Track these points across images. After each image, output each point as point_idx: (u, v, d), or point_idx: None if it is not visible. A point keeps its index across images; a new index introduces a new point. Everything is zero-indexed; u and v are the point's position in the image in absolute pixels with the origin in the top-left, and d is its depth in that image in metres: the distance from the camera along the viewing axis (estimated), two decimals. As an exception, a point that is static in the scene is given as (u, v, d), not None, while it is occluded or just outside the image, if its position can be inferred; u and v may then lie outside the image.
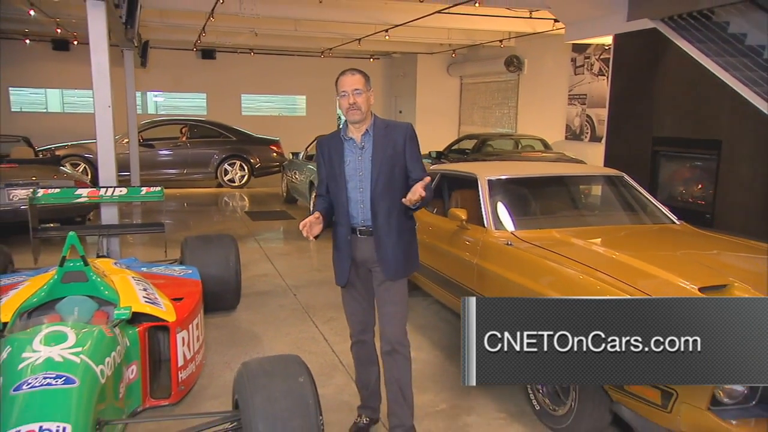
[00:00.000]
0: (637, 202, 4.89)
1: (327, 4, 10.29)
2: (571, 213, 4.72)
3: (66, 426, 2.44)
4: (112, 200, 5.96)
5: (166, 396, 3.79)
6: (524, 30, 12.71)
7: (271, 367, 2.85)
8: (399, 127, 3.27)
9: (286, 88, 20.13)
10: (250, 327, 5.34)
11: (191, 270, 4.90)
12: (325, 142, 3.38)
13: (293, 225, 10.37)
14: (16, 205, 7.56)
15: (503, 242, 4.18)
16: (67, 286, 3.76)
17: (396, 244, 3.21)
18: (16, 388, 2.63)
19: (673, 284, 3.42)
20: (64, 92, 18.57)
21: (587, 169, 5.22)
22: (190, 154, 14.07)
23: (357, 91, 3.08)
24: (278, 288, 6.56)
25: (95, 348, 2.99)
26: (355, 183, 3.21)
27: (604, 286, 3.43)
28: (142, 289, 3.95)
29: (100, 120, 5.93)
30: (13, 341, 3.00)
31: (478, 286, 4.27)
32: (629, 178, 5.07)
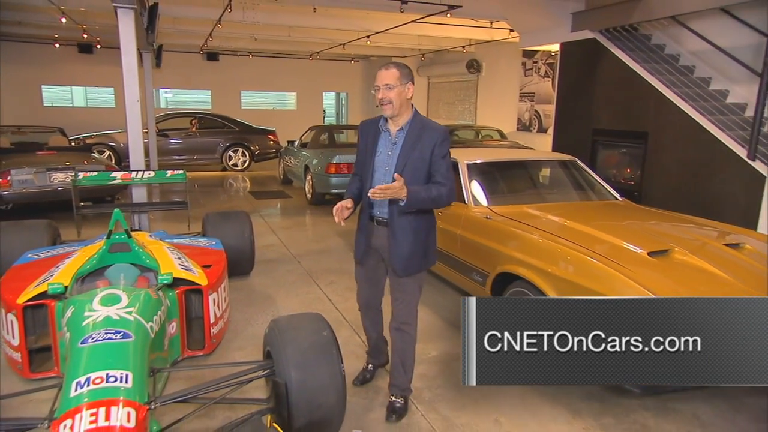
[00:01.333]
0: (587, 182, 4.96)
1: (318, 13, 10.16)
2: (535, 191, 4.79)
3: (128, 373, 2.44)
4: (142, 182, 5.89)
5: (200, 348, 3.80)
6: (483, 38, 12.74)
7: (298, 323, 2.87)
8: (434, 131, 2.91)
9: (279, 85, 19.96)
10: (263, 289, 5.34)
11: (215, 241, 4.87)
12: (366, 127, 3.10)
13: (290, 202, 10.36)
14: (56, 187, 7.47)
15: (483, 216, 4.21)
16: (113, 255, 3.76)
17: (410, 242, 2.94)
18: (82, 342, 2.62)
19: (623, 248, 3.46)
20: (87, 89, 18.20)
21: (548, 155, 5.28)
22: (199, 142, 13.94)
23: (388, 86, 2.81)
24: (284, 256, 6.56)
25: (144, 308, 2.99)
26: (380, 175, 2.96)
27: (564, 249, 3.47)
28: (176, 258, 3.94)
29: (130, 112, 5.82)
30: (75, 302, 2.99)
31: (461, 252, 4.32)
32: (581, 162, 5.13)
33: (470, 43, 13.79)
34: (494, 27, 11.48)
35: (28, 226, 4.79)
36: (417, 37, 13.18)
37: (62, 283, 3.32)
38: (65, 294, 3.28)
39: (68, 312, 2.99)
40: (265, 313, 4.70)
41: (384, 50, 15.28)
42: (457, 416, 3.18)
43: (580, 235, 3.67)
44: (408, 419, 3.14)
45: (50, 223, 4.96)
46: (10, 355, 3.47)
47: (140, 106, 5.92)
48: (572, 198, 4.76)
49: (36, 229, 4.77)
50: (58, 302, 3.28)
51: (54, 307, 3.29)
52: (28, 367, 3.40)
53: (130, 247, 3.81)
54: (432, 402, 3.33)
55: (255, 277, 5.66)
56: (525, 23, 9.22)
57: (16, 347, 3.39)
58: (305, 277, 5.74)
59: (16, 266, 3.99)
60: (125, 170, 5.91)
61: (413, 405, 3.26)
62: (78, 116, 16.64)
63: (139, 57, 9.92)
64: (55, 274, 3.52)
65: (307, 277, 5.76)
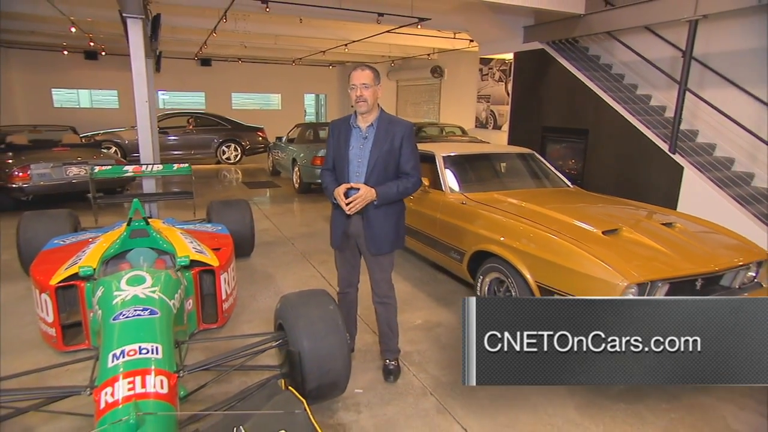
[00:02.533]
0: (543, 172, 4.97)
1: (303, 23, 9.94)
2: (502, 180, 4.76)
3: (158, 346, 2.36)
4: (152, 174, 5.69)
5: (214, 321, 3.71)
6: (446, 47, 12.63)
7: (307, 298, 2.81)
8: (400, 126, 2.87)
9: (265, 88, 19.48)
10: (263, 269, 5.22)
11: (221, 227, 4.74)
12: (337, 125, 3.00)
13: (279, 191, 10.16)
14: (71, 180, 7.15)
15: (459, 202, 4.17)
16: (133, 240, 3.63)
17: (382, 226, 2.89)
18: (114, 318, 2.53)
19: (578, 227, 3.47)
20: (92, 92, 17.43)
21: (511, 149, 5.26)
22: (196, 138, 13.55)
23: (364, 85, 2.76)
24: (279, 239, 6.43)
25: (166, 287, 2.88)
26: (355, 167, 2.87)
27: (532, 229, 3.47)
28: (190, 242, 3.82)
29: (140, 112, 5.62)
30: (104, 282, 2.87)
31: (440, 233, 4.28)
32: (538, 154, 5.15)
33: (434, 51, 13.68)
34: (456, 38, 11.40)
35: (51, 215, 4.58)
36: (388, 45, 13.02)
37: (91, 265, 3.19)
38: (94, 276, 3.15)
39: (98, 292, 2.88)
40: (267, 290, 4.60)
41: (359, 57, 15.07)
42: (443, 375, 3.18)
43: (544, 217, 3.67)
44: (402, 379, 3.13)
45: (71, 212, 4.76)
46: (45, 330, 3.34)
47: (149, 107, 5.69)
48: (533, 185, 4.76)
49: (58, 218, 4.58)
50: (87, 283, 3.16)
51: (83, 288, 3.17)
52: (61, 341, 3.28)
53: (148, 233, 3.69)
54: (421, 364, 3.32)
55: (255, 258, 5.53)
56: (483, 35, 9.19)
57: (50, 323, 3.26)
58: (299, 258, 5.64)
59: (45, 251, 3.82)
60: (136, 164, 5.69)
61: (405, 366, 3.25)
62: (84, 116, 16.00)
63: (142, 62, 9.59)
64: (82, 258, 3.37)
65: (301, 257, 5.66)
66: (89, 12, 9.23)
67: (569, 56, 7.97)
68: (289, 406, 2.39)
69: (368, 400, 2.90)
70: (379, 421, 2.71)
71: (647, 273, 2.98)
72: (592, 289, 2.99)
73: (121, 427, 1.93)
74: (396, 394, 2.96)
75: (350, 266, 3.14)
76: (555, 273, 3.19)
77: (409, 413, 2.78)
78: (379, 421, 2.71)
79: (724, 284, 3.44)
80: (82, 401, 2.54)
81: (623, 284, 2.89)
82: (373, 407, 2.83)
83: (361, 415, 2.76)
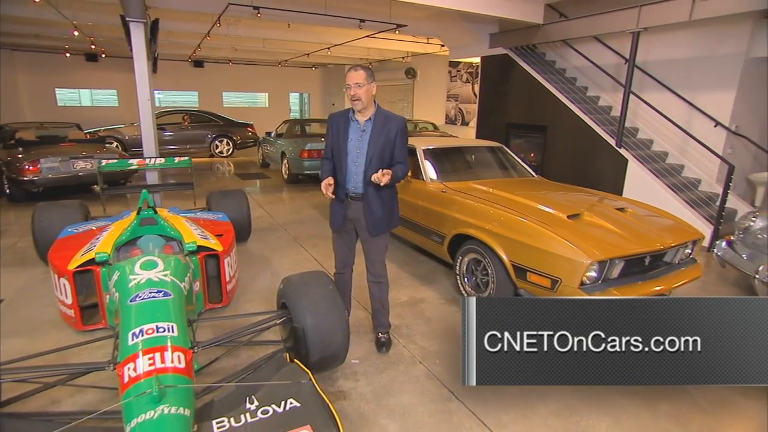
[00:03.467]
0: (510, 163, 4.97)
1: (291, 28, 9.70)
2: (476, 170, 4.71)
3: (173, 324, 2.29)
4: (155, 167, 5.48)
5: (219, 301, 3.61)
6: (419, 51, 12.48)
7: (308, 279, 2.74)
8: (395, 121, 2.81)
9: (253, 87, 18.99)
10: (260, 253, 5.10)
11: (221, 214, 4.60)
12: (336, 118, 2.89)
13: (270, 182, 9.92)
14: (77, 173, 6.83)
15: (439, 190, 4.13)
16: (143, 228, 3.50)
17: (380, 209, 2.86)
18: (131, 300, 2.43)
19: (546, 213, 3.47)
20: (92, 91, 16.71)
21: (483, 142, 5.20)
22: (190, 134, 13.09)
23: (357, 84, 2.67)
24: (272, 226, 6.28)
25: (177, 270, 2.78)
26: (354, 157, 2.81)
27: (506, 214, 3.46)
28: (195, 229, 3.69)
29: (143, 109, 5.39)
30: (120, 267, 2.75)
31: (422, 219, 4.23)
32: (506, 148, 5.15)
33: (408, 54, 13.51)
34: (429, 43, 11.28)
35: (64, 205, 4.37)
36: (366, 49, 12.82)
37: (106, 252, 3.06)
38: (109, 261, 3.02)
39: (114, 276, 2.76)
40: (265, 272, 4.49)
41: (339, 59, 14.81)
42: (430, 345, 3.17)
43: (516, 203, 3.67)
44: (393, 350, 3.10)
45: (81, 202, 4.55)
46: (65, 311, 3.20)
47: (151, 104, 5.47)
48: (503, 175, 4.74)
49: (70, 208, 4.37)
50: (102, 268, 3.03)
51: (99, 272, 3.04)
52: (80, 321, 3.15)
53: (157, 221, 3.56)
54: (409, 336, 3.30)
55: (252, 243, 5.39)
56: (454, 40, 9.13)
57: (69, 305, 3.12)
58: (292, 242, 5.52)
59: (60, 239, 3.64)
60: (140, 158, 5.47)
61: (395, 339, 3.22)
62: (85, 114, 15.37)
63: (141, 63, 9.23)
64: (96, 245, 3.23)
65: (293, 241, 5.55)
66: (91, 17, 8.79)
67: (530, 61, 8.01)
68: (296, 376, 2.36)
69: (364, 369, 2.87)
70: (375, 387, 2.69)
71: (606, 252, 3.03)
72: (560, 267, 3.02)
73: (146, 398, 1.88)
74: (389, 363, 2.94)
75: (347, 248, 3.09)
76: (528, 253, 3.20)
77: (401, 380, 2.77)
78: (375, 387, 2.69)
79: (667, 260, 3.52)
80: (102, 376, 2.47)
81: (587, 262, 2.93)
82: (369, 375, 2.81)
83: (358, 383, 2.73)
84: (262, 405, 2.19)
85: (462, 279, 3.82)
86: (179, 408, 1.92)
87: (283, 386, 2.30)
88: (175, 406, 1.91)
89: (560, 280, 3.00)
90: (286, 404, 2.19)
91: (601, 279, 3.05)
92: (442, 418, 2.44)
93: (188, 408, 1.96)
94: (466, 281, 3.79)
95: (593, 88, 7.82)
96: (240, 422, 2.09)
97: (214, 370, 2.73)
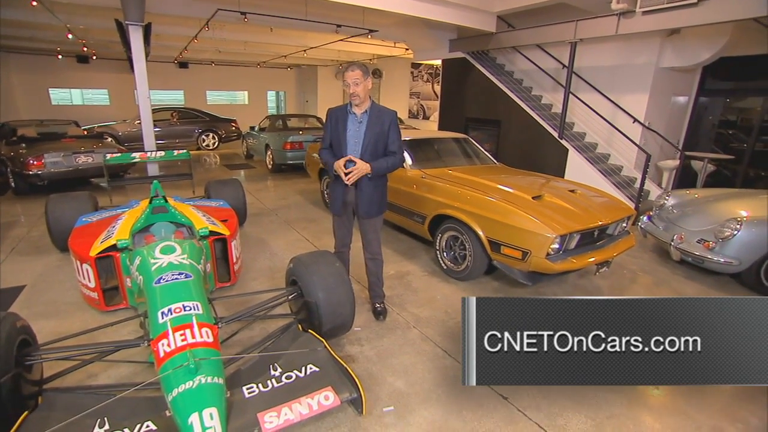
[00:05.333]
0: (475, 152, 4.95)
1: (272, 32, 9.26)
2: (447, 158, 4.64)
3: (198, 303, 2.18)
4: (156, 160, 5.14)
5: (227, 281, 3.47)
6: (385, 53, 12.23)
7: (315, 258, 2.66)
8: (388, 113, 2.75)
9: (235, 86, 18.05)
10: (257, 236, 4.91)
11: (222, 202, 4.40)
12: (334, 112, 2.79)
13: (255, 171, 9.51)
14: (78, 166, 6.30)
15: (419, 176, 4.07)
16: (155, 215, 3.29)
17: (372, 193, 2.79)
18: (156, 282, 2.30)
19: (513, 194, 3.49)
20: (83, 91, 15.41)
21: (451, 134, 5.12)
22: (179, 129, 12.36)
23: (356, 82, 2.59)
24: (263, 211, 6.05)
25: (192, 253, 2.64)
26: (352, 145, 2.73)
27: (476, 195, 3.46)
28: (202, 215, 3.52)
29: (142, 106, 5.07)
30: (140, 252, 2.59)
31: (405, 202, 4.15)
32: (471, 138, 5.14)
33: (375, 57, 13.25)
34: (396, 46, 11.07)
35: (74, 197, 4.05)
36: (337, 51, 12.40)
37: (126, 238, 2.86)
38: (129, 247, 2.83)
39: (136, 260, 2.60)
40: (264, 252, 4.32)
41: (313, 60, 14.33)
42: (420, 312, 3.16)
43: (487, 186, 3.66)
44: (389, 318, 3.08)
45: (91, 194, 4.22)
46: (88, 294, 2.99)
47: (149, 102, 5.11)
48: (471, 162, 4.71)
49: (81, 199, 4.05)
50: (122, 253, 2.83)
51: (119, 258, 2.84)
52: (103, 302, 2.95)
53: (168, 209, 3.35)
54: (401, 305, 3.28)
55: (248, 227, 5.18)
56: (418, 44, 9.00)
57: (92, 288, 2.92)
58: (284, 225, 5.35)
59: (78, 228, 3.38)
60: (142, 151, 5.12)
61: (390, 308, 3.19)
62: (77, 112, 14.13)
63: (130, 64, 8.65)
64: (113, 232, 3.01)
65: (285, 225, 5.37)
66: (84, 20, 8.07)
67: (484, 64, 8.01)
68: (311, 345, 2.31)
69: (366, 335, 2.83)
70: (378, 351, 2.67)
71: (566, 227, 3.09)
72: (529, 241, 3.07)
73: (183, 370, 1.81)
74: (387, 329, 2.92)
75: (346, 230, 3.02)
76: (502, 230, 3.22)
77: (400, 343, 2.75)
78: (379, 351, 2.67)
79: (609, 233, 3.64)
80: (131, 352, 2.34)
81: (552, 236, 2.98)
82: (372, 341, 2.77)
83: (363, 348, 2.70)
84: (284, 371, 2.14)
85: (441, 254, 3.81)
86: (214, 377, 1.84)
87: (301, 354, 2.25)
88: (210, 376, 1.84)
89: (530, 252, 3.05)
90: (307, 369, 2.15)
91: (562, 250, 3.12)
92: (440, 373, 2.45)
93: (221, 377, 1.88)
94: (444, 256, 3.79)
95: (536, 89, 7.92)
96: (267, 387, 2.03)
97: (233, 342, 2.63)
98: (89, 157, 6.37)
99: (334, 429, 2.04)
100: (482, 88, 7.96)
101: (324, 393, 1.97)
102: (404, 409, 2.17)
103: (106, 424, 1.75)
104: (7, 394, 1.71)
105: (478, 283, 3.64)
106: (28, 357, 1.94)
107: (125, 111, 14.49)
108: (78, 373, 2.16)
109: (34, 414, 1.73)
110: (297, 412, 1.87)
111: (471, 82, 8.32)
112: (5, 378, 1.71)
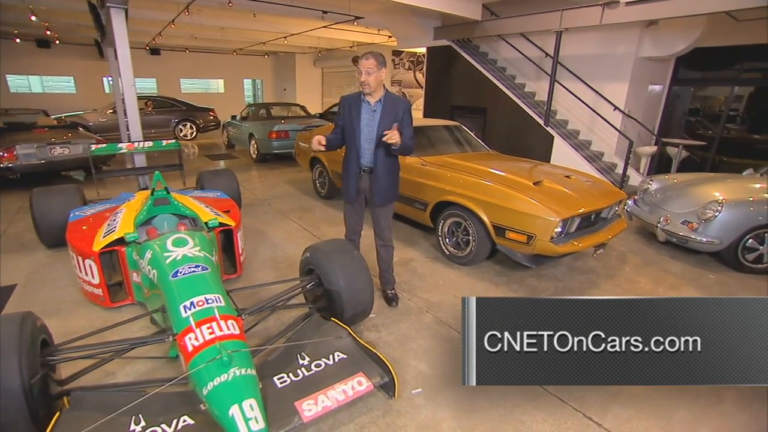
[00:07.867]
0: (467, 140, 4.95)
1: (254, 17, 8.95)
2: (443, 146, 4.63)
3: (219, 295, 2.13)
4: (144, 150, 4.92)
5: (233, 272, 3.41)
6: (366, 41, 12.06)
7: (334, 246, 2.64)
8: (402, 103, 2.72)
9: (210, 74, 17.41)
10: (253, 226, 4.80)
11: (219, 192, 4.27)
12: (347, 100, 2.75)
13: (239, 162, 9.22)
14: (53, 159, 5.92)
15: (419, 164, 4.06)
16: (157, 208, 3.16)
17: (387, 180, 2.78)
18: (173, 275, 2.24)
19: (515, 180, 3.51)
20: (43, 78, 14.40)
21: (444, 122, 5.08)
22: (155, 119, 11.81)
23: (368, 71, 2.56)
24: (256, 201, 5.91)
25: (204, 245, 2.58)
26: (366, 135, 2.71)
27: (479, 182, 3.48)
28: (205, 207, 3.41)
29: (128, 95, 4.77)
30: (151, 246, 2.50)
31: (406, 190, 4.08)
32: (464, 126, 5.17)
33: (355, 44, 13.04)
34: (379, 33, 10.92)
35: (60, 190, 3.83)
36: (317, 38, 12.15)
37: (132, 231, 2.75)
38: (137, 240, 2.71)
39: (147, 254, 2.50)
40: (264, 243, 4.24)
41: (291, 48, 13.99)
42: (430, 297, 3.19)
43: (487, 173, 3.68)
44: (401, 304, 3.09)
45: (78, 187, 4.01)
46: (91, 291, 2.85)
47: (135, 90, 4.87)
48: (465, 150, 4.71)
49: (67, 192, 3.83)
50: (127, 248, 2.72)
51: (124, 252, 2.72)
52: (109, 299, 2.83)
53: (170, 201, 3.23)
54: (411, 290, 3.30)
55: (243, 217, 4.98)
56: (402, 32, 8.91)
57: (96, 285, 2.79)
58: (279, 215, 5.25)
59: (73, 222, 3.20)
60: (129, 142, 4.89)
61: (400, 294, 3.21)
62: (37, 101, 13.33)
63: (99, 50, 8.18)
64: (115, 226, 2.88)
65: (280, 214, 5.27)
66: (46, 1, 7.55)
67: (469, 52, 8.03)
68: (336, 332, 2.30)
69: (382, 321, 2.85)
70: (396, 336, 2.69)
71: (568, 211, 3.18)
72: (534, 225, 3.14)
73: (216, 363, 1.78)
74: (401, 315, 2.94)
75: (357, 217, 3.01)
76: (506, 215, 3.28)
77: (416, 327, 2.78)
78: (397, 336, 2.69)
79: (604, 216, 3.76)
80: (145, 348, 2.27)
81: (557, 220, 3.06)
82: (389, 326, 2.79)
83: (381, 333, 2.71)
84: (313, 360, 2.13)
85: (444, 240, 3.84)
86: (246, 369, 1.82)
87: (327, 342, 2.24)
88: (243, 368, 1.82)
89: (535, 236, 3.12)
90: (335, 357, 2.15)
91: (564, 233, 3.22)
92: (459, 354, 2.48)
93: (252, 368, 1.86)
94: (447, 241, 3.82)
95: (520, 77, 8.02)
96: (298, 377, 2.02)
97: (251, 334, 2.59)
98: (65, 149, 6.03)
99: (367, 413, 2.05)
100: (468, 76, 7.99)
101: (357, 378, 1.98)
102: (431, 391, 2.21)
103: (142, 421, 1.70)
104: (38, 396, 1.64)
105: (480, 267, 3.71)
106: (51, 357, 1.86)
107: (93, 100, 13.72)
108: (96, 372, 2.08)
109: (66, 414, 1.66)
110: (333, 399, 1.88)
111: (456, 70, 8.33)
112: (35, 379, 1.64)
